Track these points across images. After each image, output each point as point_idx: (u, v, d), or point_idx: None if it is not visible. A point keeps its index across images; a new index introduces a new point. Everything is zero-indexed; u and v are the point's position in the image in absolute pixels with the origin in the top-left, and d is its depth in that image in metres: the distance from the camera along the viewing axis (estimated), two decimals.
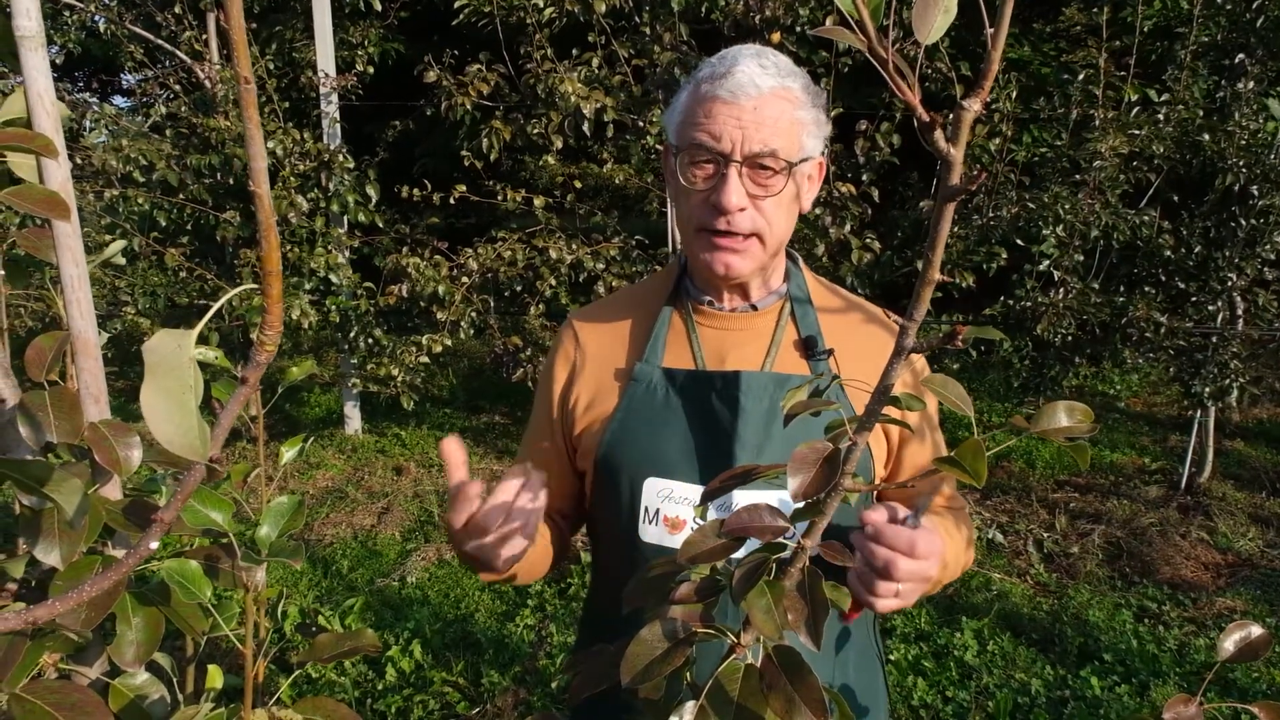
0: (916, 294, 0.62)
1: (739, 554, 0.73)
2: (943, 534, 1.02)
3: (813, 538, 0.70)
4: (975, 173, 0.59)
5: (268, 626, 0.87)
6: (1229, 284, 4.09)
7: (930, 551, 0.91)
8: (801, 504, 0.68)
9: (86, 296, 0.80)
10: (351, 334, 4.94)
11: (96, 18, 6.33)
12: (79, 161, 5.20)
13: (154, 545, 0.42)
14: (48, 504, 0.63)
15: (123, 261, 5.04)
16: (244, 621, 0.75)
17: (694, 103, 1.05)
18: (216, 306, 0.40)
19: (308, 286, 4.92)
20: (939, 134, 0.59)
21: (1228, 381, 4.10)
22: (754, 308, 1.15)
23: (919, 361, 1.16)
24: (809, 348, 1.12)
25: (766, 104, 1.01)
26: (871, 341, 1.15)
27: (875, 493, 1.17)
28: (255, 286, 0.40)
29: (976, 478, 0.58)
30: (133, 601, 0.72)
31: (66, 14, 6.28)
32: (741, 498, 1.04)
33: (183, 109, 5.34)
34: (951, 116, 0.59)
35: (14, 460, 0.59)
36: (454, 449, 0.91)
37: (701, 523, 1.05)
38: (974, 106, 0.58)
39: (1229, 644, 0.80)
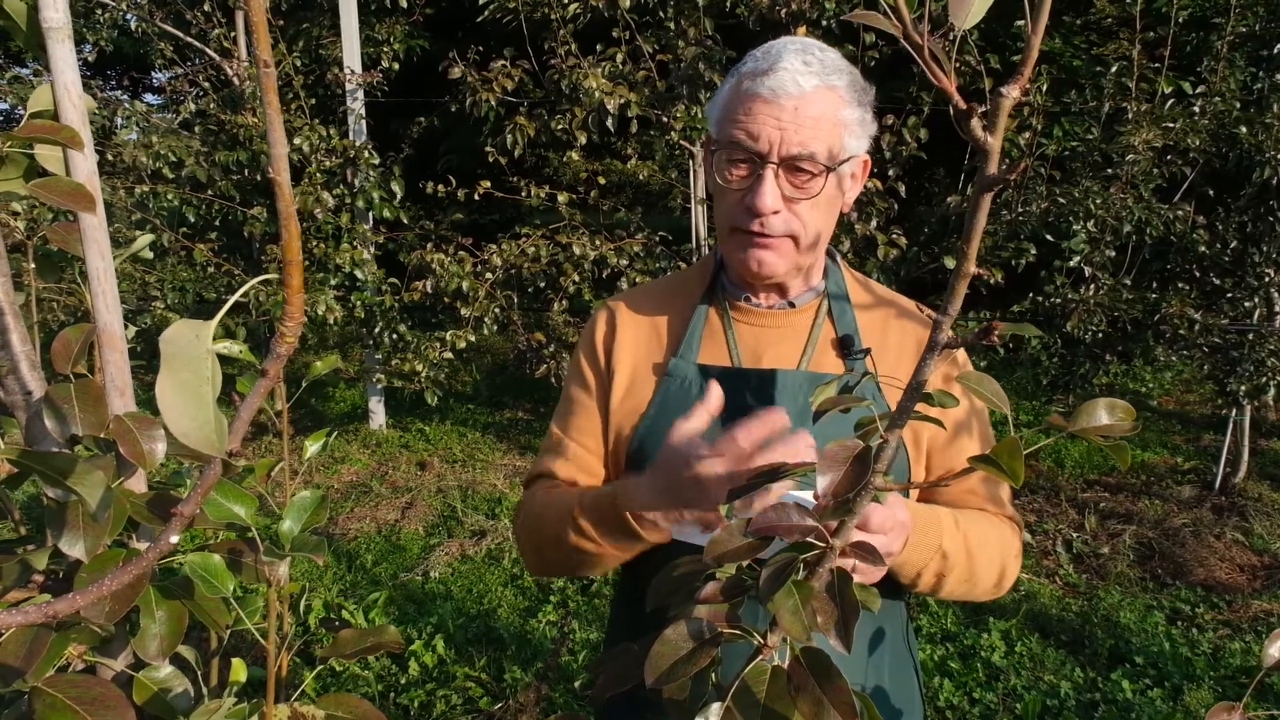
0: (951, 288, 0.61)
1: (766, 553, 0.71)
2: (928, 516, 0.97)
3: (842, 537, 0.68)
4: (1013, 163, 0.57)
5: (291, 621, 0.87)
6: (1266, 280, 4.00)
7: (887, 525, 0.87)
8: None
9: (112, 290, 0.80)
10: (376, 329, 4.97)
11: (128, 16, 6.41)
12: (110, 158, 5.28)
13: (174, 540, 0.41)
14: (72, 497, 0.63)
15: (150, 256, 5.11)
16: (267, 616, 0.75)
17: (734, 98, 1.02)
18: (236, 296, 0.39)
19: (333, 282, 4.96)
20: (976, 122, 0.57)
21: (1264, 380, 4.01)
22: (791, 305, 1.12)
23: (960, 356, 1.13)
24: (845, 346, 1.09)
25: (808, 104, 0.98)
26: (908, 339, 1.12)
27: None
28: (276, 276, 0.40)
29: (1014, 477, 0.56)
30: (156, 595, 0.72)
31: (99, 12, 6.37)
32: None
33: (211, 106, 5.40)
34: (988, 104, 0.57)
35: (39, 453, 0.59)
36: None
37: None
38: (1013, 93, 0.56)
39: (1274, 650, 0.77)
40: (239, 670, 0.96)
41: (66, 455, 0.58)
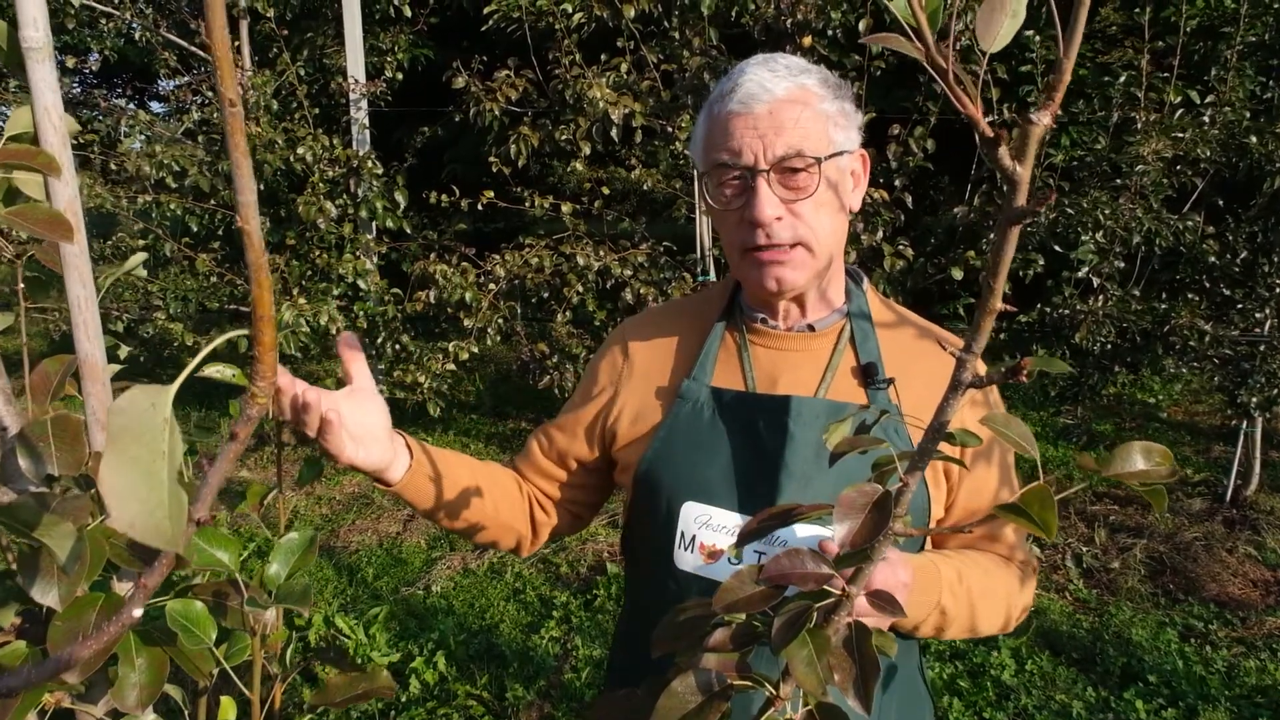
0: (976, 324, 0.57)
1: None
2: (928, 574, 0.94)
3: (859, 585, 0.65)
4: (1042, 194, 0.54)
5: (275, 670, 0.84)
6: (1277, 290, 3.96)
7: (888, 584, 0.86)
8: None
9: (94, 318, 0.77)
10: (379, 340, 4.94)
11: (133, 24, 6.41)
12: (114, 167, 5.26)
13: (137, 614, 0.38)
14: None
15: (144, 273, 5.09)
16: (251, 663, 0.71)
17: (710, 125, 1.02)
18: (199, 359, 0.35)
19: (336, 292, 4.93)
20: (1004, 150, 0.53)
21: (1276, 391, 3.96)
22: (811, 328, 1.08)
23: (993, 392, 1.10)
24: (868, 375, 1.05)
25: (782, 107, 0.97)
26: (938, 370, 1.06)
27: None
28: (244, 332, 0.36)
29: (1046, 530, 0.53)
30: (136, 641, 0.68)
31: (104, 21, 6.37)
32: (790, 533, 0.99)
33: (215, 115, 5.38)
34: (1016, 131, 0.54)
35: (2, 504, 0.56)
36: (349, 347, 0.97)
37: (736, 561, 1.00)
38: (1044, 120, 0.53)
39: None
40: (228, 709, 0.93)
41: (31, 506, 0.55)
